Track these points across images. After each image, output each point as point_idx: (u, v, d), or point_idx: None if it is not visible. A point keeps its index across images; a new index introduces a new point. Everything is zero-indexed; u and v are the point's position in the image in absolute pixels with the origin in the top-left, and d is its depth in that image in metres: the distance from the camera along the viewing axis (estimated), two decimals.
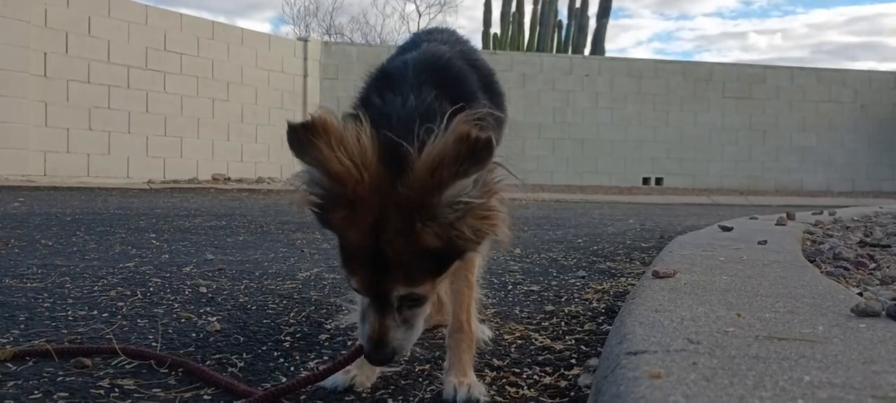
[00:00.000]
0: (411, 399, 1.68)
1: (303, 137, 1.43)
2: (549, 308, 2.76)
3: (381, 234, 1.47)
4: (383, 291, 1.51)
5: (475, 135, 1.39)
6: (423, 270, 1.51)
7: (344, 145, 1.45)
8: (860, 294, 2.37)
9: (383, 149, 1.48)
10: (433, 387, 1.76)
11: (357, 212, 1.48)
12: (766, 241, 3.65)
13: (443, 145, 1.41)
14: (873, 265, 3.44)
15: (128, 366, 1.82)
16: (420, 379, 1.83)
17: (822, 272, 2.94)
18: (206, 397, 1.63)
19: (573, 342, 2.23)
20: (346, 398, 1.67)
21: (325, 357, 2.00)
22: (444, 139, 1.42)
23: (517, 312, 2.67)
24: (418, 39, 2.04)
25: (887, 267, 3.38)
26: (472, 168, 1.41)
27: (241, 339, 2.17)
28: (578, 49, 22.01)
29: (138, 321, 2.34)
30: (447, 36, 2.08)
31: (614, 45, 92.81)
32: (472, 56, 2.00)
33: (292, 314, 2.54)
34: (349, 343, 2.13)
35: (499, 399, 1.69)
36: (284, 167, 16.02)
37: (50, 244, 4.33)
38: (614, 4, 22.75)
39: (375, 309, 1.54)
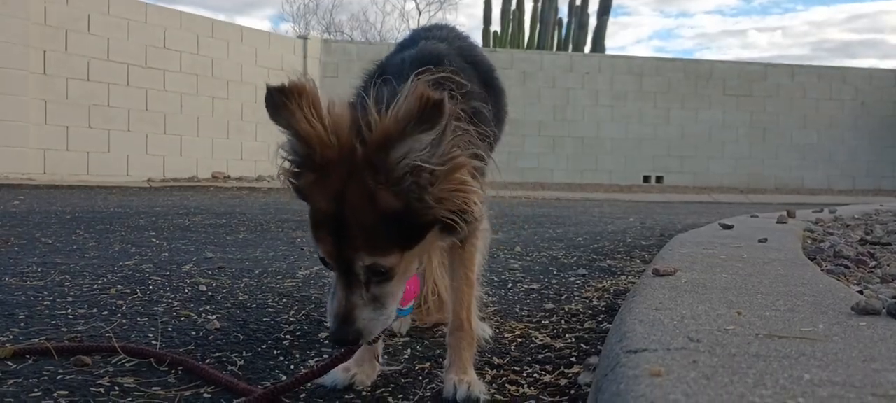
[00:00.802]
0: (411, 397, 1.68)
1: (277, 99, 1.45)
2: (550, 306, 2.76)
3: (345, 199, 1.46)
4: (348, 259, 1.48)
5: (427, 95, 1.39)
6: (388, 238, 1.48)
7: (317, 111, 1.46)
8: (861, 292, 2.37)
9: (357, 120, 1.48)
10: (433, 385, 1.76)
11: (326, 177, 1.48)
12: (766, 239, 3.65)
13: (397, 106, 1.42)
14: (874, 263, 3.43)
15: (127, 364, 1.82)
16: (420, 377, 1.83)
17: (822, 270, 2.94)
18: (205, 395, 1.63)
19: (573, 340, 2.23)
20: (346, 396, 1.67)
21: (325, 356, 1.99)
22: (399, 100, 1.42)
23: (517, 310, 2.67)
24: (417, 37, 2.04)
25: (888, 265, 3.38)
26: (420, 127, 1.40)
27: (241, 337, 2.17)
28: (579, 47, 22.00)
29: (138, 319, 2.34)
30: (446, 33, 2.08)
31: (614, 43, 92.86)
32: (470, 53, 2.00)
33: (292, 312, 2.54)
34: None
35: (499, 397, 1.69)
36: None
37: (49, 242, 4.33)
38: (614, 2, 22.79)
39: (342, 283, 1.50)
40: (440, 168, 1.46)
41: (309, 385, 1.68)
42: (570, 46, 22.04)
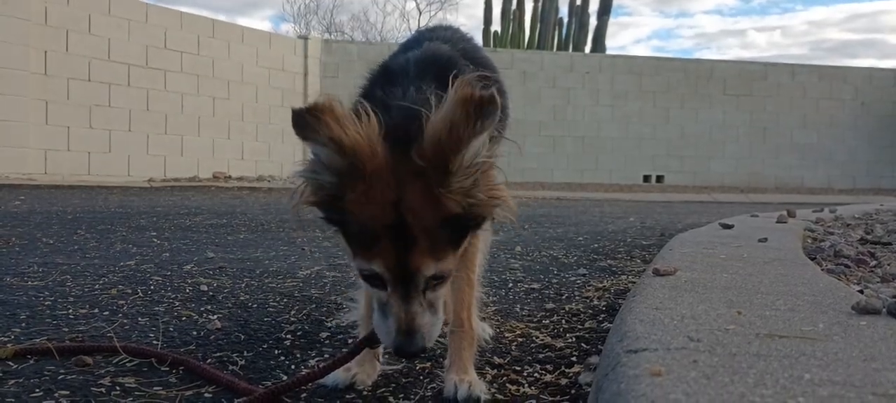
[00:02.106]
0: (412, 396, 1.68)
1: (310, 118, 1.42)
2: (550, 306, 2.76)
3: (402, 209, 1.45)
4: (411, 270, 1.47)
5: (479, 93, 1.40)
6: (446, 243, 1.50)
7: (351, 123, 1.45)
8: (861, 291, 2.37)
9: (387, 128, 1.48)
10: (434, 385, 1.76)
11: (374, 189, 1.46)
12: (766, 239, 3.65)
13: (450, 110, 1.41)
14: (874, 262, 3.43)
15: (129, 364, 1.83)
16: (421, 377, 1.83)
17: (822, 270, 2.94)
18: (207, 395, 1.63)
19: (574, 340, 2.23)
20: (347, 396, 1.67)
21: (326, 356, 2.00)
22: (449, 105, 1.42)
23: (518, 310, 2.67)
24: (421, 38, 2.04)
25: (888, 265, 3.38)
26: (485, 124, 1.41)
27: (242, 337, 2.17)
28: (579, 46, 21.99)
29: (139, 319, 2.35)
30: (450, 34, 2.08)
31: (614, 43, 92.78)
32: (475, 54, 2.00)
33: (293, 312, 2.55)
34: (350, 341, 2.13)
35: (499, 396, 1.69)
36: (285, 165, 16.02)
37: (51, 242, 4.33)
38: (614, 2, 22.75)
39: (400, 295, 1.49)
40: (488, 159, 1.49)
41: (310, 384, 1.69)
42: (571, 46, 22.04)
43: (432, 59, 1.78)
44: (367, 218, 1.48)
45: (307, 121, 1.42)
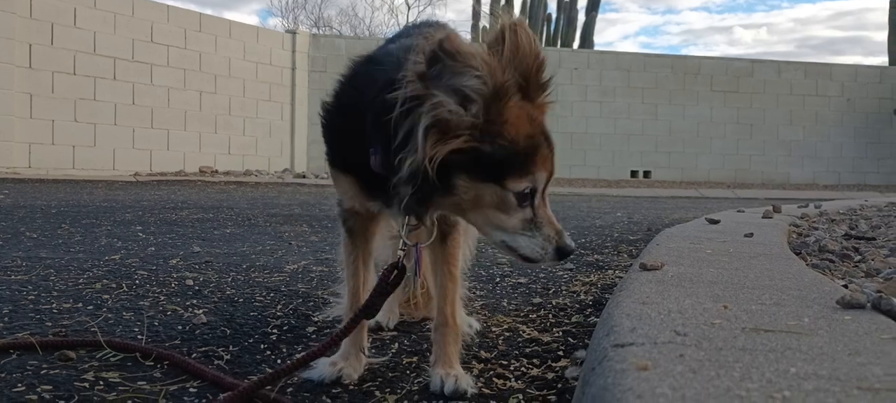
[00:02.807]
0: (399, 391, 1.68)
1: (451, 48, 1.40)
2: (537, 300, 2.77)
3: (539, 120, 1.54)
4: (553, 175, 1.55)
5: (509, 20, 1.50)
6: None
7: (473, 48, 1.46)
8: (845, 286, 2.38)
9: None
10: (421, 379, 1.76)
11: (521, 104, 1.50)
12: (752, 234, 3.67)
13: (515, 36, 1.48)
14: (858, 257, 3.45)
15: (113, 359, 1.81)
16: (407, 372, 1.83)
17: (807, 264, 2.96)
18: (191, 390, 1.62)
19: (561, 334, 2.23)
20: (334, 390, 1.67)
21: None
22: (508, 34, 1.48)
23: (505, 304, 2.67)
24: (408, 33, 2.03)
25: (872, 260, 3.40)
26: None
27: (228, 332, 2.16)
28: (567, 42, 22.03)
29: (124, 313, 2.33)
30: (436, 30, 2.07)
31: (601, 39, 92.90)
32: None
33: (279, 306, 2.54)
34: None
35: (486, 390, 1.69)
36: (271, 159, 15.96)
37: (35, 236, 4.29)
38: None
39: (544, 201, 1.55)
40: None
41: (295, 379, 1.68)
42: (559, 42, 22.08)
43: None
44: (527, 133, 1.50)
45: (451, 51, 1.39)
